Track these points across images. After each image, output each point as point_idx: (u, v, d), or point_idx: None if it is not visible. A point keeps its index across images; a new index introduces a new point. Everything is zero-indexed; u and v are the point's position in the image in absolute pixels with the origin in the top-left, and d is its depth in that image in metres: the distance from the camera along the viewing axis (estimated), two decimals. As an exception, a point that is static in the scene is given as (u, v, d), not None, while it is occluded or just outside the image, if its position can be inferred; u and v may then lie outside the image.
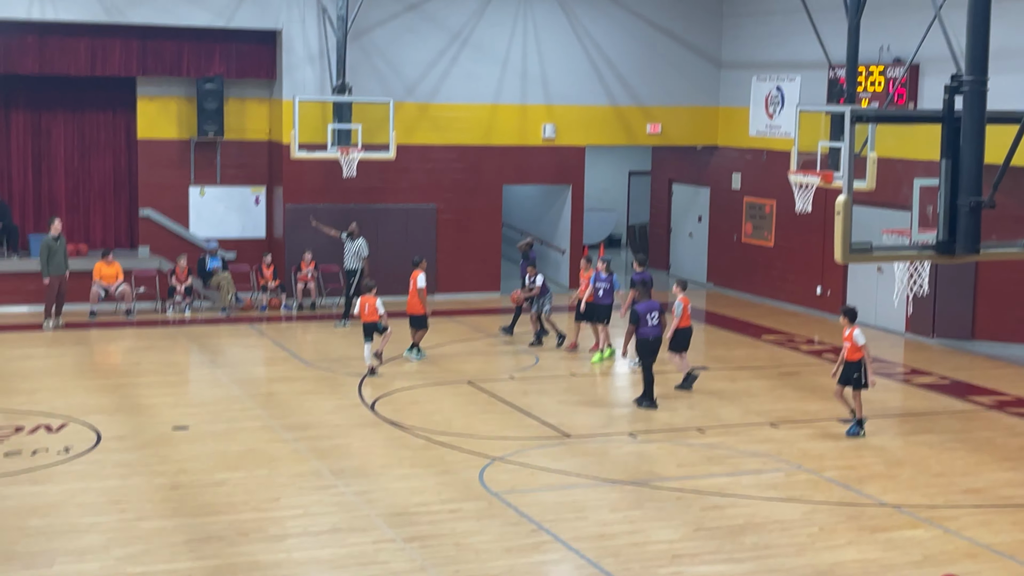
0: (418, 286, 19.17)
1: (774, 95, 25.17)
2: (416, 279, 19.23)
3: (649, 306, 16.98)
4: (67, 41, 23.04)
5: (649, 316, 16.89)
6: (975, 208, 10.12)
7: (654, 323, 16.91)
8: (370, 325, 18.38)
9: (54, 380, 17.84)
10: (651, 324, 16.86)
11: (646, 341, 16.80)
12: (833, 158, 17.72)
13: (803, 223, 23.55)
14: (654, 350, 16.82)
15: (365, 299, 18.39)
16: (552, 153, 26.03)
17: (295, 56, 23.99)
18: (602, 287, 19.67)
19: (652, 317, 16.91)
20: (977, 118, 10.08)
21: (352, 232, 22.44)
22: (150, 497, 12.71)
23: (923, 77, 21.34)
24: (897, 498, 13.17)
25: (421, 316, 19.25)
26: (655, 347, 16.85)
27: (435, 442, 14.90)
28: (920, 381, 18.87)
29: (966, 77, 10.12)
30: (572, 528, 12.02)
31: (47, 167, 24.54)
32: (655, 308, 17.03)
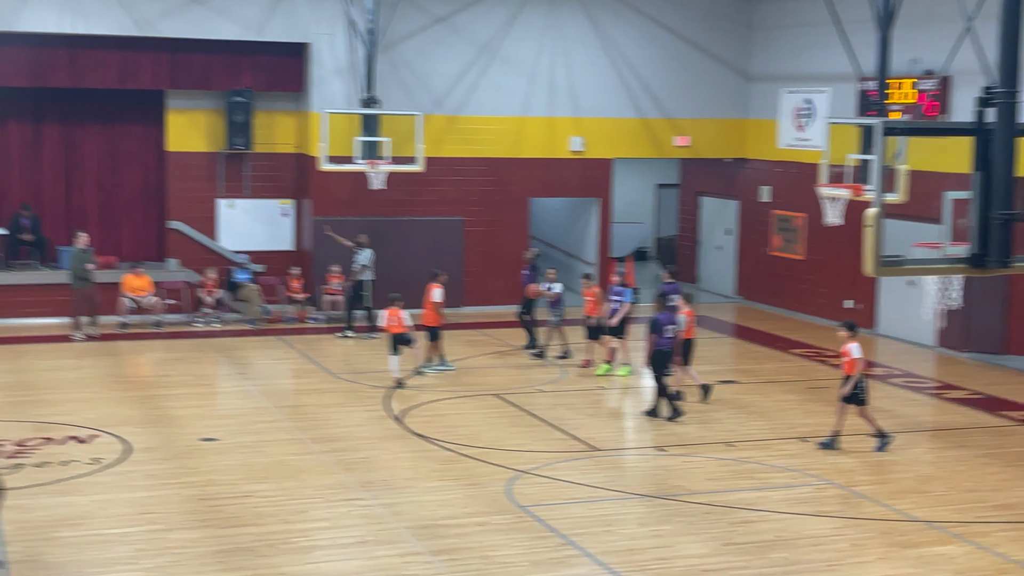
0: (434, 300, 19.15)
1: (803, 107, 25.07)
2: (432, 292, 19.22)
3: (668, 317, 16.93)
4: (98, 54, 23.20)
5: (667, 327, 16.84)
6: (1007, 221, 10.06)
7: (670, 335, 16.84)
8: (397, 337, 18.38)
9: (84, 391, 17.92)
10: (667, 336, 16.80)
11: (661, 352, 16.74)
12: (863, 171, 17.61)
13: (833, 236, 23.42)
14: (668, 361, 16.79)
15: (393, 311, 18.39)
16: (580, 166, 26.01)
17: (324, 69, 24.07)
18: (616, 301, 19.41)
19: (669, 329, 16.85)
20: (1009, 130, 10.02)
21: (362, 243, 22.54)
22: (179, 508, 12.73)
23: (954, 89, 21.21)
24: (928, 514, 13.05)
25: (436, 328, 19.23)
26: (670, 358, 16.81)
27: (462, 455, 14.86)
28: (952, 396, 18.72)
29: (998, 89, 10.06)
30: (600, 542, 11.96)
31: (77, 180, 24.69)
32: (673, 320, 16.97)
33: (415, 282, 23.43)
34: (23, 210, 23.54)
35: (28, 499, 12.92)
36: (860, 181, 17.68)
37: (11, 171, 24.24)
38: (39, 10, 22.31)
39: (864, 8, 18.80)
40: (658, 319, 16.80)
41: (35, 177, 24.42)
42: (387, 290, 19.90)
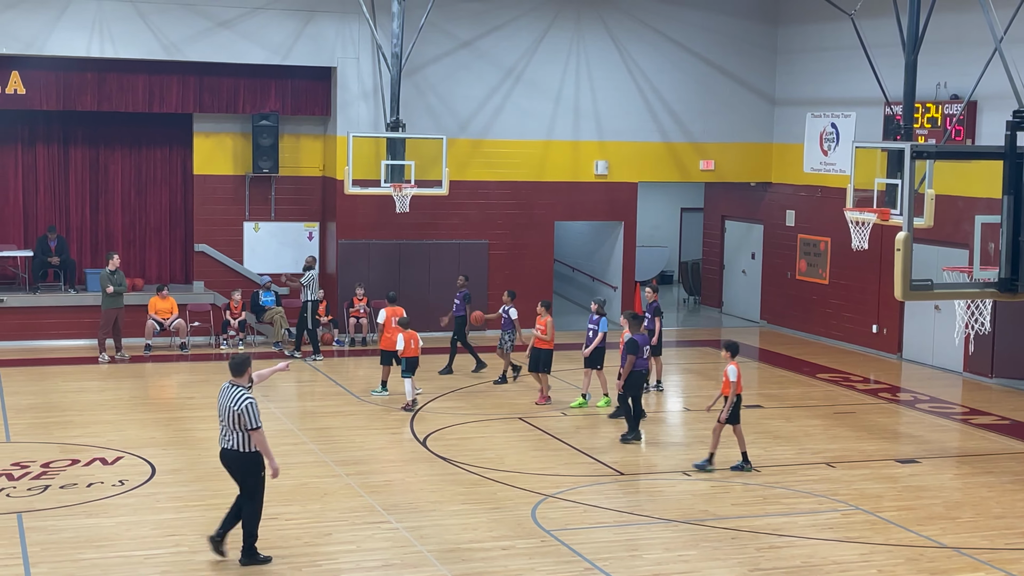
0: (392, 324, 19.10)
1: (829, 132, 25.01)
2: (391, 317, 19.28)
3: (644, 339, 17.15)
4: (125, 78, 23.36)
5: (645, 348, 17.06)
6: (1038, 245, 9.98)
7: (645, 356, 17.15)
8: (413, 360, 18.40)
9: (109, 413, 17.97)
10: (644, 356, 17.06)
11: (639, 374, 16.93)
12: (890, 195, 17.53)
13: (858, 260, 23.34)
14: (643, 383, 17.31)
15: (409, 334, 18.41)
16: (604, 189, 26.01)
17: (349, 93, 24.17)
18: (592, 329, 18.77)
19: (646, 350, 17.15)
20: (1040, 154, 9.96)
21: (308, 265, 22.78)
22: (204, 531, 12.71)
23: (981, 114, 21.13)
24: (957, 540, 12.93)
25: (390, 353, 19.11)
26: (645, 380, 17.43)
27: (487, 478, 14.83)
28: (979, 421, 18.59)
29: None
30: (626, 567, 11.90)
31: (104, 202, 24.83)
32: (647, 342, 17.36)
33: (439, 305, 23.47)
34: (50, 232, 23.68)
35: (54, 520, 12.95)
36: (886, 205, 17.60)
37: (38, 194, 24.41)
38: (68, 34, 22.49)
39: (890, 32, 18.76)
40: (636, 340, 16.81)
41: (62, 200, 24.57)
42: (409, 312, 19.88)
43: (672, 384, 21.36)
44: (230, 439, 11.82)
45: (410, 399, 18.41)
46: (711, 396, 19.79)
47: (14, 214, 24.32)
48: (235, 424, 11.70)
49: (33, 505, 13.43)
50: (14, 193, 24.31)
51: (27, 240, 24.20)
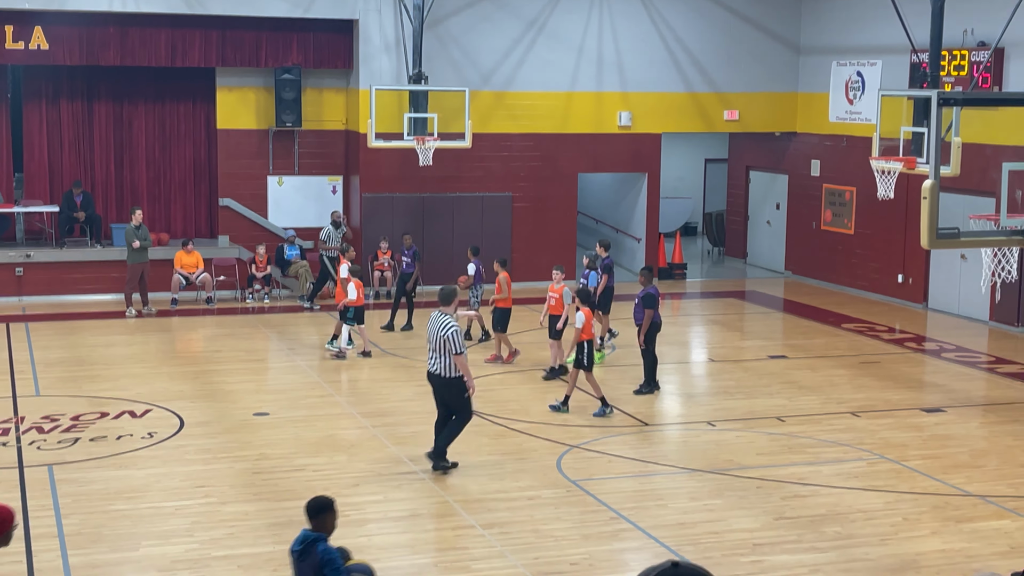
0: (341, 276, 19.16)
1: (854, 80, 24.81)
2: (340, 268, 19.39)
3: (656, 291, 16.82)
4: (148, 32, 23.35)
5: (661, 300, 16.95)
6: (1066, 192, 9.90)
7: None
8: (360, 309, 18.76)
9: (137, 367, 18.11)
10: None
11: (656, 326, 16.69)
12: (916, 143, 17.41)
13: (884, 210, 23.22)
14: None
15: (359, 284, 18.74)
16: (628, 141, 25.90)
17: (371, 46, 24.10)
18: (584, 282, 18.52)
19: None
20: (1068, 100, 9.85)
21: (335, 220, 22.69)
22: (232, 482, 12.85)
23: (1008, 60, 20.92)
24: (982, 488, 12.94)
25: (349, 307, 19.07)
26: None
27: (512, 429, 14.90)
28: (1005, 370, 18.54)
29: (1057, 58, 9.88)
30: (651, 516, 11.96)
31: (129, 158, 24.90)
32: None
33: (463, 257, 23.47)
34: (75, 188, 23.78)
35: (84, 472, 13.10)
36: (913, 154, 17.48)
37: (63, 149, 24.50)
38: (90, -11, 22.48)
39: (917, -22, 18.56)
40: (652, 293, 16.57)
41: (87, 155, 24.66)
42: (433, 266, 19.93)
43: (697, 335, 21.37)
44: (436, 364, 12.93)
45: (346, 347, 18.70)
46: (738, 347, 19.83)
47: (39, 170, 24.43)
48: (441, 349, 12.80)
49: (63, 458, 13.59)
50: (39, 149, 24.40)
51: (53, 196, 24.32)
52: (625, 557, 11.13)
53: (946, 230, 9.80)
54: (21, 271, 23.07)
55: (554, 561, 10.86)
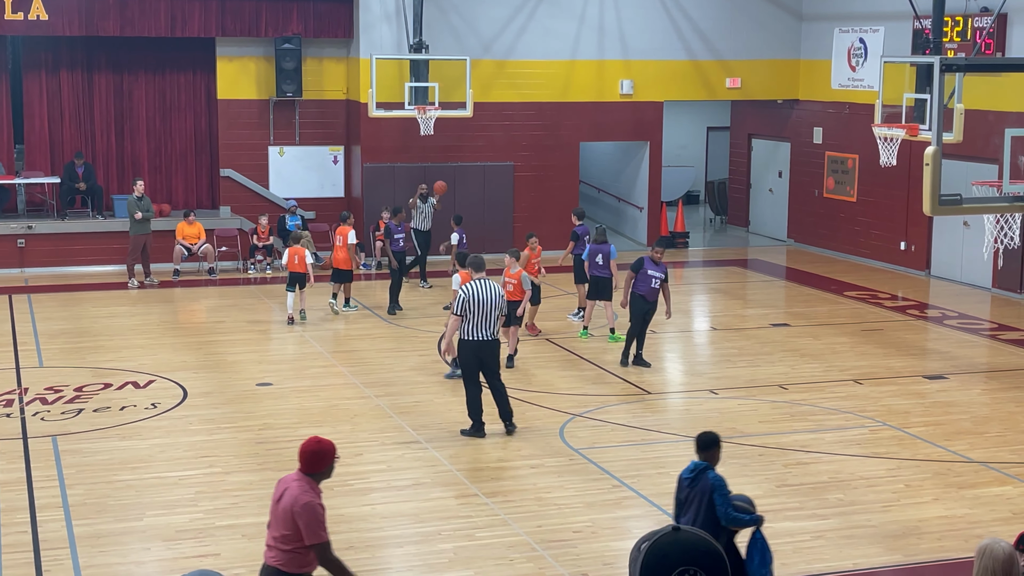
0: (349, 242, 19.44)
1: (857, 47, 24.71)
2: (346, 236, 19.48)
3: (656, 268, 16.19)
4: (147, 3, 23.25)
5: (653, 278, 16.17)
6: (1069, 158, 9.87)
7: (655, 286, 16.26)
8: (294, 275, 18.96)
9: (140, 338, 18.13)
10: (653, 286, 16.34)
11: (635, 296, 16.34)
12: (919, 110, 17.36)
13: (886, 177, 23.17)
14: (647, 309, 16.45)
15: (294, 250, 18.98)
16: (630, 109, 25.82)
17: (372, 15, 23.99)
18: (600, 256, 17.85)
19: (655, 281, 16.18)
20: (1072, 65, 9.80)
21: (423, 194, 22.40)
22: (236, 452, 12.89)
23: (1011, 26, 20.82)
24: (984, 455, 12.97)
25: (348, 271, 19.54)
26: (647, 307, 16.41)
27: (515, 398, 14.89)
28: (1007, 337, 18.54)
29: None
30: (653, 484, 11.99)
31: (129, 128, 24.85)
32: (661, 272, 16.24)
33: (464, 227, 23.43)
34: (76, 159, 23.75)
35: (88, 443, 13.14)
36: (915, 121, 17.43)
37: (64, 120, 24.45)
38: (88, -41, 22.37)
39: (920, -56, 18.46)
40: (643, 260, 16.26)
41: (87, 126, 24.61)
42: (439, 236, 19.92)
43: (700, 303, 21.38)
44: (488, 331, 13.13)
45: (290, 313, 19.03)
46: (740, 315, 19.83)
47: (40, 141, 24.39)
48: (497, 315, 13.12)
49: (67, 428, 13.63)
50: (40, 120, 24.35)
51: (54, 167, 24.28)
52: (628, 524, 11.16)
53: (948, 197, 9.78)
54: (23, 243, 23.08)
55: (557, 529, 10.90)
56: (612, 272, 17.70)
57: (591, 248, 17.98)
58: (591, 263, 17.86)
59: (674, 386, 15.92)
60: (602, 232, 18.21)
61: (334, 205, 24.84)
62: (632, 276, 16.24)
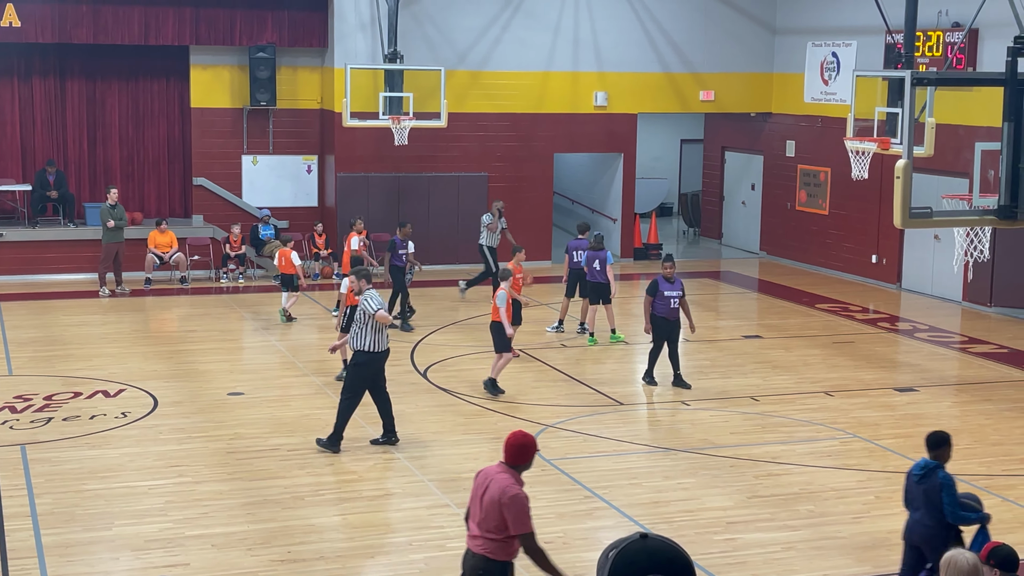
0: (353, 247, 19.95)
1: (829, 61, 24.86)
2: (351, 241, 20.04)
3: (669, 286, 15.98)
4: (121, 10, 23.17)
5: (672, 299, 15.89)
6: (1038, 172, 9.96)
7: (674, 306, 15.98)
8: (284, 276, 19.56)
9: (111, 346, 18.03)
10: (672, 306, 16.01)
11: None
12: (890, 124, 17.46)
13: (858, 191, 23.30)
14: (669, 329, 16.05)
15: (282, 251, 19.57)
16: (604, 121, 25.89)
17: (347, 24, 23.98)
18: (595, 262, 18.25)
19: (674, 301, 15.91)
20: (1041, 80, 9.90)
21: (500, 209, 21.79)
22: (206, 461, 12.83)
23: (982, 42, 20.99)
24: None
25: None
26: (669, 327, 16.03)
27: (488, 409, 14.92)
28: (977, 350, 18.66)
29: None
30: (625, 495, 12.00)
31: (102, 136, 24.74)
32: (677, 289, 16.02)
33: (439, 238, 23.48)
34: (48, 166, 23.62)
35: (57, 452, 13.04)
36: (887, 134, 17.53)
37: (36, 127, 24.32)
38: (62, -34, 22.28)
39: (892, -41, 18.59)
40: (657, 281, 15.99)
41: (60, 134, 24.48)
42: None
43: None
44: None
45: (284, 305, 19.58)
46: (714, 327, 19.86)
47: (12, 148, 24.24)
48: None
49: (37, 437, 13.53)
50: (11, 127, 24.21)
51: (25, 174, 24.14)
52: (599, 535, 11.16)
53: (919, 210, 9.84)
54: (-7, 250, 22.94)
55: (528, 539, 10.87)
56: (608, 277, 18.09)
57: (588, 255, 18.37)
58: (589, 269, 18.26)
59: (647, 397, 15.94)
60: (599, 239, 18.53)
61: (307, 214, 24.80)
62: (650, 300, 15.89)
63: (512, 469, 8.04)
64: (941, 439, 9.26)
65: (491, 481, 7.98)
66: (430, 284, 23.18)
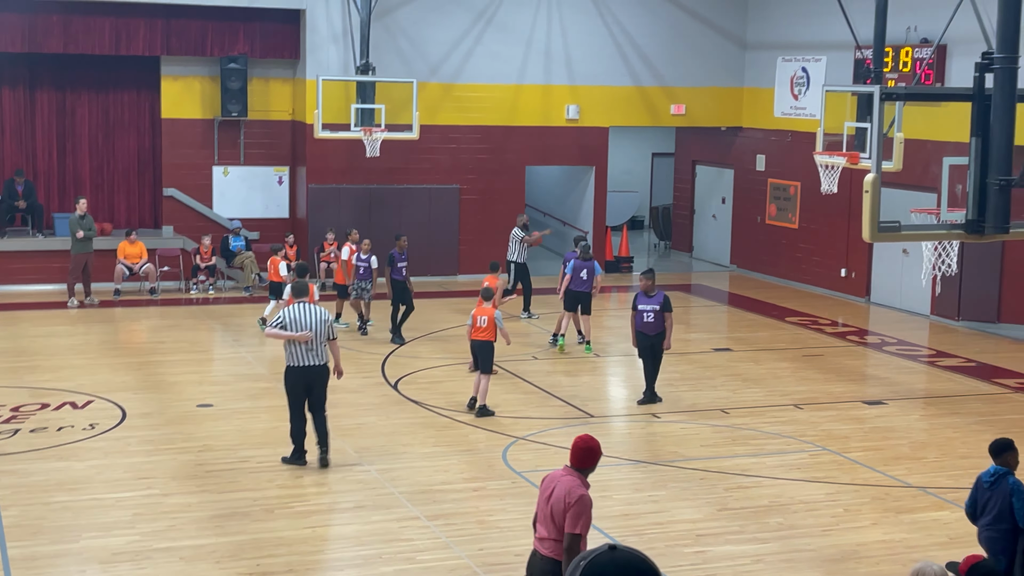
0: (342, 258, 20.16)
1: (799, 76, 25.02)
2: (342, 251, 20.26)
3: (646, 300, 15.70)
4: (91, 20, 23.08)
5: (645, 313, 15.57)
6: (1005, 187, 10.04)
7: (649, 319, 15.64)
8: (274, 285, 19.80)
9: (79, 358, 17.92)
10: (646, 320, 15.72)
11: None
12: (859, 139, 17.59)
13: (828, 205, 23.43)
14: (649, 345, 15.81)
15: (271, 260, 19.99)
16: (575, 134, 25.95)
17: (319, 35, 23.97)
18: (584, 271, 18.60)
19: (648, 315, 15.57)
20: (1008, 96, 10.00)
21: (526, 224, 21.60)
22: (175, 474, 12.75)
23: (950, 58, 21.17)
24: (922, 480, 13.11)
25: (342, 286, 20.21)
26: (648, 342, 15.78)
27: (458, 421, 14.90)
28: (945, 363, 18.78)
29: (997, 55, 10.02)
30: (596, 507, 11.93)
31: (72, 146, 24.60)
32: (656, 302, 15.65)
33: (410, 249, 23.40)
34: (17, 176, 23.47)
35: (25, 464, 12.94)
36: (856, 149, 17.65)
37: (5, 137, 24.17)
38: (32, -25, 22.19)
39: (861, -25, 18.74)
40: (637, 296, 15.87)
41: (29, 144, 24.34)
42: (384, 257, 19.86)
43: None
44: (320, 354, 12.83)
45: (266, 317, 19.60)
46: (686, 340, 19.93)
47: (-20, 158, 24.09)
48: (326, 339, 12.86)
49: (3, 449, 13.42)
50: (-20, 137, 24.07)
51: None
52: (569, 548, 11.14)
53: (887, 224, 9.90)
54: (-39, 261, 22.76)
55: (499, 552, 10.88)
56: (593, 287, 18.64)
57: (575, 264, 18.71)
58: (575, 278, 18.66)
59: (617, 410, 15.97)
60: (586, 249, 18.90)
61: (278, 226, 24.73)
62: (632, 315, 15.84)
63: (578, 472, 8.23)
64: (1004, 445, 9.40)
65: (557, 484, 8.17)
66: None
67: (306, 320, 12.73)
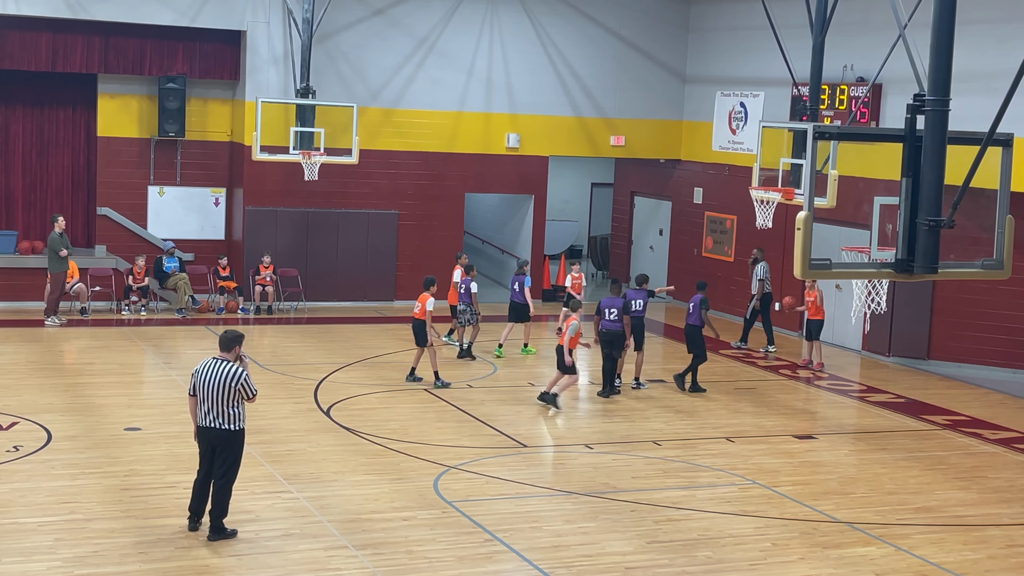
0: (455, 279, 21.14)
1: (737, 111, 25.27)
2: None
3: (611, 302, 18.15)
4: (28, 36, 22.80)
5: (608, 311, 18.06)
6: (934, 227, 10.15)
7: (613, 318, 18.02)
8: None
9: (5, 377, 17.61)
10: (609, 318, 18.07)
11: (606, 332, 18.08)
12: (795, 175, 17.79)
13: (763, 239, 23.62)
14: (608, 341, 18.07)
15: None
16: (515, 162, 26.02)
17: (259, 57, 23.86)
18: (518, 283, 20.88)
19: (611, 312, 18.06)
20: (938, 138, 10.12)
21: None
22: (100, 498, 12.55)
23: (886, 97, 21.49)
24: (850, 515, 13.21)
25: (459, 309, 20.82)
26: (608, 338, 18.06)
27: (390, 449, 14.81)
28: (875, 399, 18.97)
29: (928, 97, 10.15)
30: (526, 538, 11.96)
31: (4, 163, 24.24)
32: (616, 304, 18.10)
33: (348, 275, 23.36)
34: (-53, 192, 23.11)
35: (-55, 486, 12.67)
36: (791, 185, 17.85)
37: (-64, 152, 23.79)
38: (-32, -12, 21.89)
39: (800, 13, 18.98)
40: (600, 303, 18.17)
41: (-40, 159, 23.97)
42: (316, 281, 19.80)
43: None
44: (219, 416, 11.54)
45: None
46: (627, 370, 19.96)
47: (-91, 172, 23.67)
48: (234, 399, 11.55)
49: None
50: (-90, 151, 23.65)
51: (-77, 199, 23.58)
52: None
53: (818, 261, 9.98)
54: None
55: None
56: (527, 298, 20.63)
57: (512, 278, 20.98)
58: (511, 290, 20.89)
59: (550, 440, 15.95)
60: (522, 264, 21.37)
61: (213, 247, 24.52)
62: (597, 320, 18.26)
63: None
64: None
65: None
66: (335, 321, 23.04)
67: (204, 379, 11.55)
